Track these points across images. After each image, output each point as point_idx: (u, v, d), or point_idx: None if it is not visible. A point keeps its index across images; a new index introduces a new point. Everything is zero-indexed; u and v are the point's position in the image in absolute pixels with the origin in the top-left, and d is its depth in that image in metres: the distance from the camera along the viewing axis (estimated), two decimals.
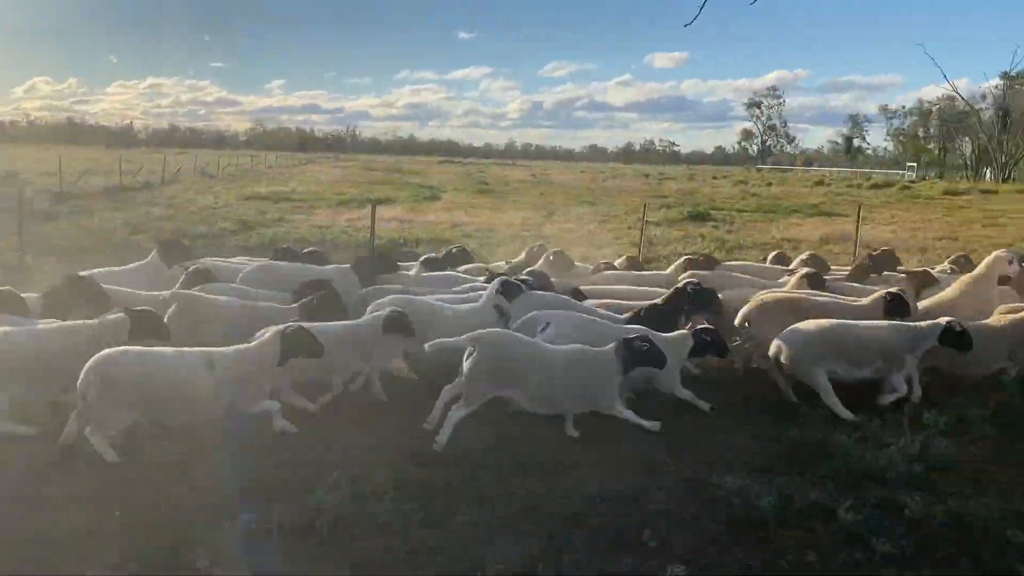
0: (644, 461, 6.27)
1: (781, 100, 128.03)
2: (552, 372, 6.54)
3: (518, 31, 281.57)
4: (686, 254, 13.69)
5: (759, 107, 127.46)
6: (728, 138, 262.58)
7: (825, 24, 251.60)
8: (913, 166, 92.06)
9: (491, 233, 22.58)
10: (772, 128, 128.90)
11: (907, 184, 59.83)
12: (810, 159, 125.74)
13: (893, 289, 8.65)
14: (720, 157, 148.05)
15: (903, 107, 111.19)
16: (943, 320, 7.59)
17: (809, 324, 7.61)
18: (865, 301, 8.53)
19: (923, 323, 7.71)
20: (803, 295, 8.90)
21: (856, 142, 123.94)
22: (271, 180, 46.36)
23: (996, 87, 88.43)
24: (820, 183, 59.47)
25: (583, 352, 6.72)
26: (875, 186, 55.75)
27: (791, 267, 11.81)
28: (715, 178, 68.38)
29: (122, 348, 6.12)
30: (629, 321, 8.02)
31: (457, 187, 45.80)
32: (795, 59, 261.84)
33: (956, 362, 7.82)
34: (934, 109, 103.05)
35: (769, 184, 57.86)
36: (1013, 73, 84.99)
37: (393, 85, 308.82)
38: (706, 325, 7.55)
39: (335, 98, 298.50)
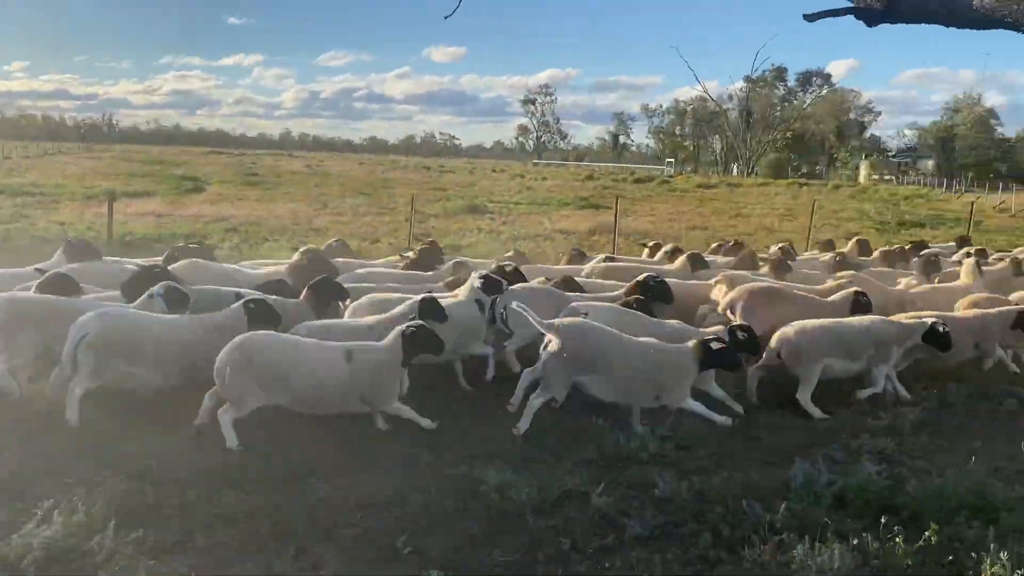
0: (404, 461, 6.04)
1: (553, 98, 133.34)
2: (630, 363, 6.66)
3: (291, 18, 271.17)
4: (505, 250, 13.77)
5: (534, 104, 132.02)
6: (506, 133, 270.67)
7: (594, 24, 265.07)
8: (671, 162, 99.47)
9: (257, 226, 21.45)
10: (546, 125, 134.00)
11: (666, 179, 64.56)
12: (581, 155, 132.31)
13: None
14: (499, 151, 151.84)
15: (661, 106, 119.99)
16: (928, 320, 8.02)
17: (815, 321, 7.83)
18: (836, 297, 8.98)
19: (913, 321, 8.11)
20: (782, 286, 9.44)
21: (622, 139, 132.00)
22: (7, 172, 41.33)
23: (740, 89, 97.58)
24: (590, 177, 62.60)
25: (662, 346, 6.90)
26: (638, 180, 59.61)
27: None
28: (494, 171, 69.92)
29: (265, 332, 6.44)
30: None
31: (224, 179, 43.37)
32: (567, 58, 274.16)
33: (929, 352, 8.18)
34: (688, 109, 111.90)
35: (544, 178, 60.03)
36: (754, 77, 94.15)
37: (155, 71, 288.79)
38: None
39: (88, 83, 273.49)
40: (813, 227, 22.88)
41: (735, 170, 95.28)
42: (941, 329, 7.88)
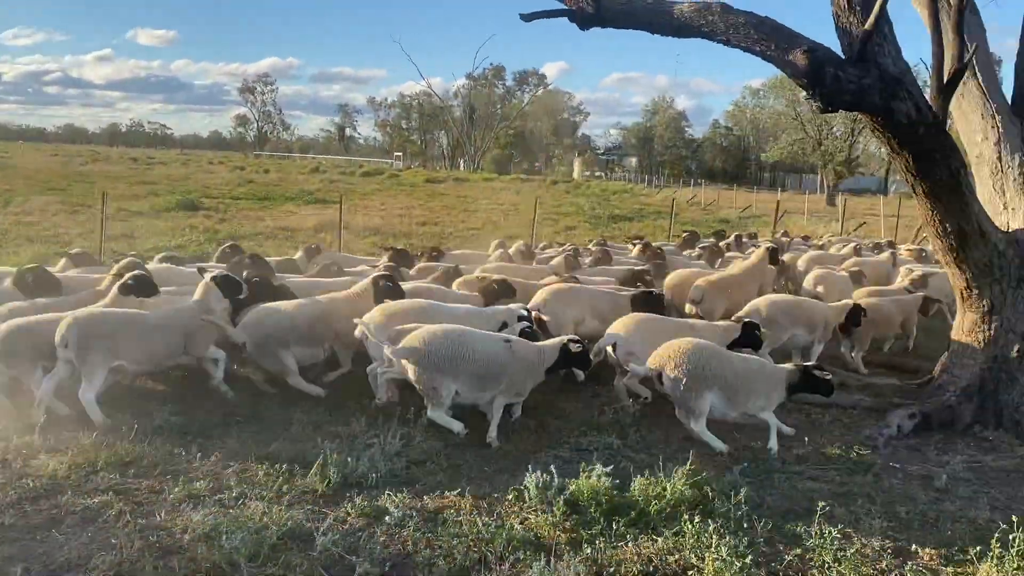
0: (91, 514, 5.09)
1: (274, 87, 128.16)
2: (746, 379, 6.71)
3: None
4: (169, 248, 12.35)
5: (253, 93, 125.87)
6: (224, 123, 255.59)
7: (315, 14, 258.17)
8: (400, 155, 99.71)
9: None
10: (268, 115, 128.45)
11: (395, 173, 64.39)
12: (307, 147, 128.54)
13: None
14: (217, 142, 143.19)
15: (387, 100, 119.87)
16: (851, 302, 9.58)
17: (785, 297, 9.69)
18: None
19: (847, 301, 9.61)
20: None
21: (348, 132, 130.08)
22: None
23: (463, 86, 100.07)
24: (316, 170, 60.82)
25: (764, 363, 7.07)
26: (366, 174, 58.83)
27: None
28: (211, 163, 65.57)
29: (440, 327, 6.72)
30: None
31: None
32: (288, 48, 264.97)
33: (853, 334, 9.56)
34: (414, 103, 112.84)
35: (267, 171, 57.33)
36: (475, 74, 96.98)
37: None
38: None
39: None
40: (536, 222, 23.78)
41: (462, 165, 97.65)
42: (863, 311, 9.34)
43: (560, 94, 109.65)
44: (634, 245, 15.13)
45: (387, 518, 5.06)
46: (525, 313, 7.87)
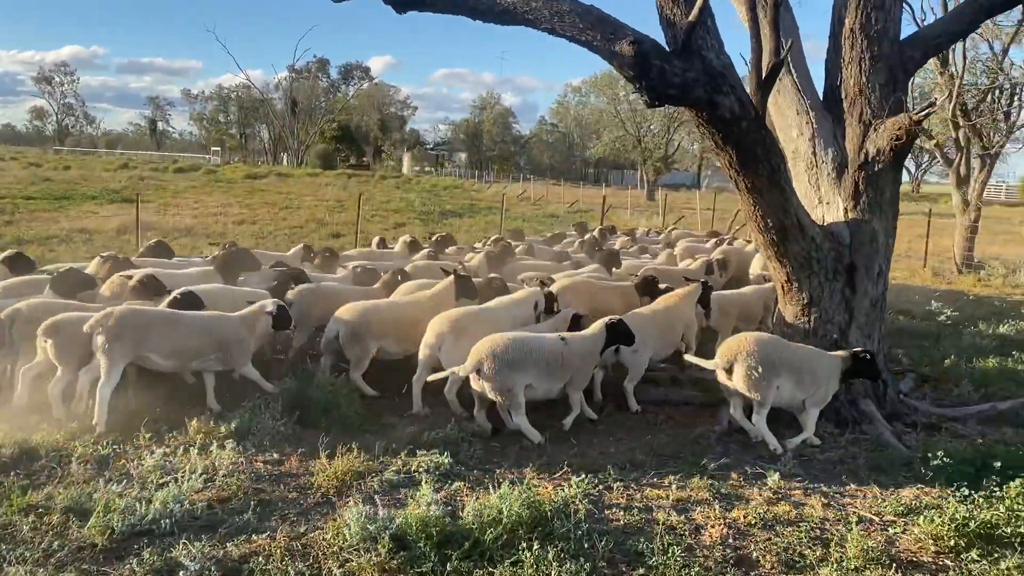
0: None
1: (75, 77, 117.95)
2: (811, 371, 6.93)
3: None
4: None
5: (50, 83, 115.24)
6: (20, 115, 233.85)
7: (119, 2, 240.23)
8: (218, 150, 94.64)
9: None
10: (69, 107, 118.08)
11: (212, 168, 60.87)
12: (114, 141, 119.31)
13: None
14: (10, 136, 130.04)
15: (204, 92, 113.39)
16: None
17: (731, 292, 10.55)
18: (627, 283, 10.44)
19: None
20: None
21: (161, 125, 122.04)
22: None
23: (285, 79, 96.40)
24: (125, 166, 56.39)
25: (820, 351, 7.25)
26: (181, 170, 55.23)
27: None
28: (2, 159, 59.31)
29: (510, 335, 6.99)
30: None
31: None
32: (91, 35, 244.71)
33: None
34: (232, 96, 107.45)
35: (67, 167, 52.48)
36: (297, 67, 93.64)
37: None
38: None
39: None
40: (363, 218, 22.94)
41: (285, 160, 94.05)
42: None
43: (386, 88, 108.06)
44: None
45: (181, 574, 4.32)
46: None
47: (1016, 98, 20.66)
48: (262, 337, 7.80)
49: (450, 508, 5.13)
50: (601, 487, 5.75)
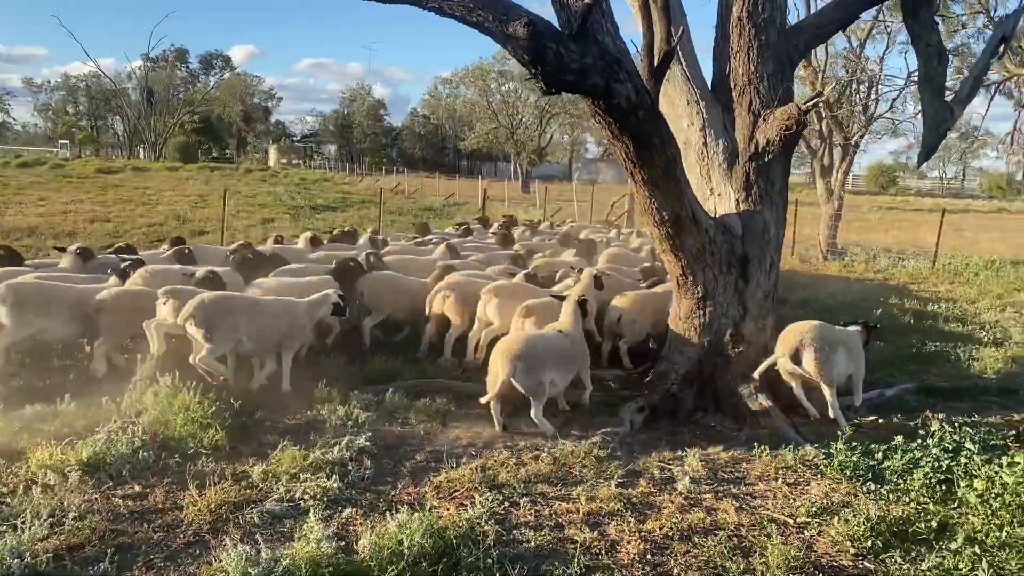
0: None
1: None
2: (856, 346, 7.71)
3: None
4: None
5: None
6: None
7: None
8: (67, 143, 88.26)
9: None
10: None
11: (60, 162, 56.57)
12: None
13: None
14: None
15: (49, 82, 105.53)
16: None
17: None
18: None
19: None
20: None
21: (1, 117, 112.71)
22: None
23: (140, 68, 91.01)
24: None
25: (853, 331, 7.95)
26: (24, 164, 51.03)
27: None
28: None
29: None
30: None
31: None
32: None
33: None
34: (81, 86, 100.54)
35: None
36: (153, 56, 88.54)
37: None
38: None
39: None
40: (228, 214, 21.64)
41: (142, 153, 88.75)
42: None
43: (249, 78, 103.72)
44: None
45: None
46: None
47: (873, 91, 21.73)
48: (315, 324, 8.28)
49: (343, 542, 4.58)
50: (507, 504, 5.33)
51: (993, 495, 5.23)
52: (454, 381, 8.10)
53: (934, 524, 5.01)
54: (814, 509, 5.32)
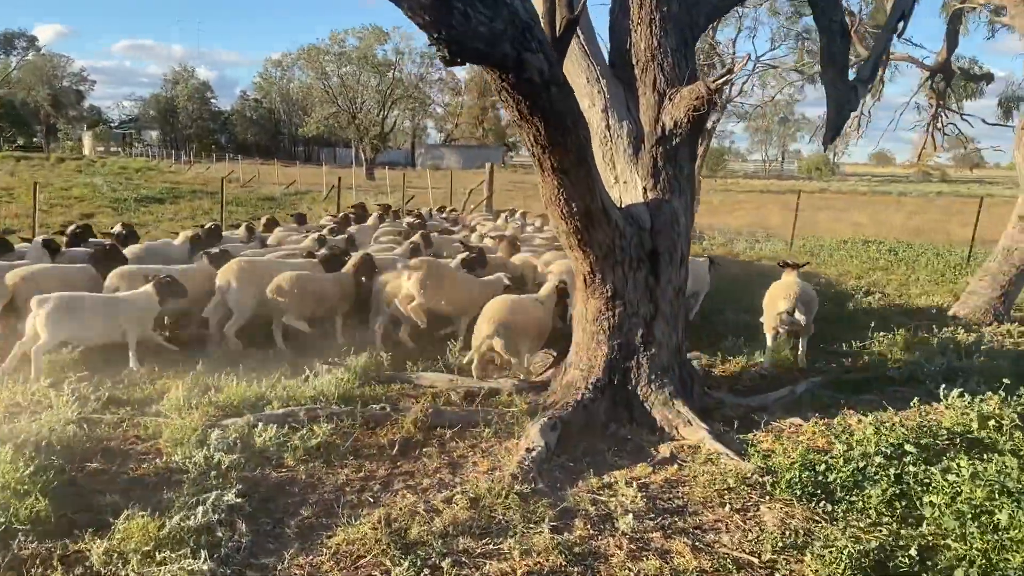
0: None
1: None
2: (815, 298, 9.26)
3: None
4: None
5: None
6: None
7: None
8: None
9: None
10: None
11: None
12: None
13: None
14: None
15: None
16: None
17: None
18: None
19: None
20: None
21: None
22: None
23: None
24: None
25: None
26: None
27: None
28: None
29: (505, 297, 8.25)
30: None
31: None
32: None
33: None
34: None
35: None
36: None
37: None
38: None
39: None
40: (40, 210, 18.98)
41: None
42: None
43: (57, 59, 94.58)
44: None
45: None
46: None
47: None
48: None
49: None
50: (427, 571, 4.32)
51: (955, 509, 4.80)
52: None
53: (913, 553, 4.46)
54: (779, 544, 4.65)
